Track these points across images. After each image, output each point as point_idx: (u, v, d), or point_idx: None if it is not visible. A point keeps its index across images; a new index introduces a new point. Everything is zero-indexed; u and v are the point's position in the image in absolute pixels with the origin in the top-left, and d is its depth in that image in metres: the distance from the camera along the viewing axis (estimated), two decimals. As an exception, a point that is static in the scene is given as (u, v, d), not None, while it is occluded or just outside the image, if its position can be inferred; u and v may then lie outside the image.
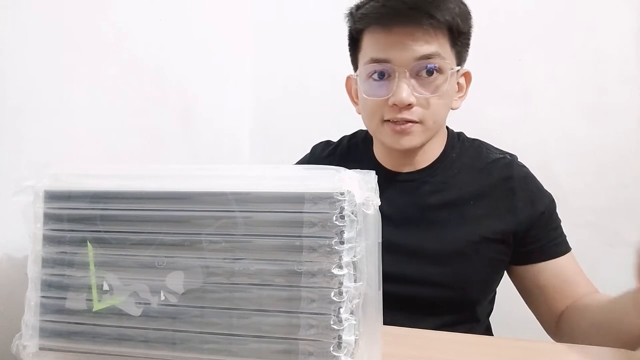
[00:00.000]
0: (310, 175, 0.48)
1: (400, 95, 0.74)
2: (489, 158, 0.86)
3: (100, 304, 0.51)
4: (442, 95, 0.77)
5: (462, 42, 0.79)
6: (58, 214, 0.53)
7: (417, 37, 0.74)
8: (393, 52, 0.75)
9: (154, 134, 1.04)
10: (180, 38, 1.13)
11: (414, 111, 0.77)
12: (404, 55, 0.74)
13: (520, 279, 0.85)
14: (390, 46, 0.75)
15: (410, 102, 0.75)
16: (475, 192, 0.83)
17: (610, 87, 1.30)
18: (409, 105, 0.76)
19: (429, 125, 0.79)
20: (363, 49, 0.80)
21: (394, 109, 0.77)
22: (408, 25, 0.73)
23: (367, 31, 0.79)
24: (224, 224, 0.48)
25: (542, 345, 0.66)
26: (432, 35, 0.74)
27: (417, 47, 0.74)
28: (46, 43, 0.75)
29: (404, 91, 0.74)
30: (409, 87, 0.75)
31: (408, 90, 0.75)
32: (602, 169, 1.30)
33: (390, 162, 0.88)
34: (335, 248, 0.45)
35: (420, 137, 0.79)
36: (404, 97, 0.74)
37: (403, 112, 0.76)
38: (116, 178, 0.53)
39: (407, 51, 0.74)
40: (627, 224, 1.30)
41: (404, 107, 0.76)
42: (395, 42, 0.75)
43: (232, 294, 0.47)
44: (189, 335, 0.49)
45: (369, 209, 0.47)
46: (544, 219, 0.82)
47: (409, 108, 0.76)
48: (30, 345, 0.53)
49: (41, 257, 0.53)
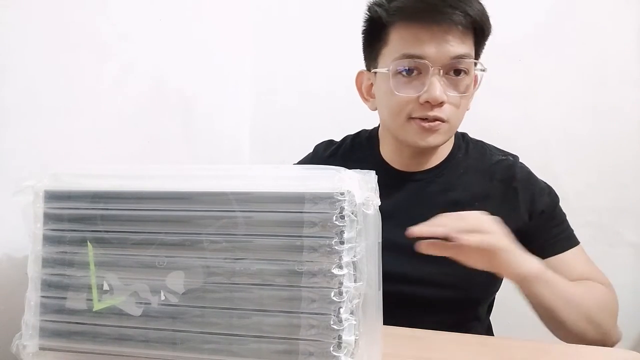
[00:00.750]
0: (310, 175, 0.48)
1: (435, 93, 0.74)
2: (492, 159, 0.87)
3: (100, 304, 0.51)
4: (468, 96, 0.79)
5: (483, 46, 0.80)
6: (58, 214, 0.53)
7: (453, 35, 0.74)
8: (429, 49, 0.74)
9: (154, 134, 1.04)
10: (180, 38, 1.13)
11: (444, 109, 0.76)
12: (439, 53, 0.74)
13: None
14: (426, 42, 0.74)
15: (443, 100, 0.75)
16: (480, 193, 0.84)
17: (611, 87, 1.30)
18: (440, 103, 0.75)
19: (454, 125, 0.80)
20: (391, 43, 0.78)
21: (425, 106, 0.76)
22: (444, 22, 0.73)
23: (398, 25, 0.76)
24: (225, 224, 0.48)
25: (542, 345, 0.66)
26: (465, 34, 0.75)
27: (452, 45, 0.74)
28: (46, 43, 0.75)
29: (438, 89, 0.74)
30: (442, 85, 0.75)
31: (441, 88, 0.74)
32: (603, 169, 1.30)
33: (399, 161, 0.87)
34: (336, 248, 0.45)
35: (444, 136, 0.79)
36: (437, 94, 0.74)
37: (434, 110, 0.75)
38: (116, 178, 0.53)
39: (443, 48, 0.74)
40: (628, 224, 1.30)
41: (436, 104, 0.75)
42: (431, 39, 0.74)
43: (232, 294, 0.47)
44: (190, 335, 0.49)
45: (369, 209, 0.47)
46: (544, 217, 0.83)
47: (441, 106, 0.75)
48: (30, 345, 0.53)
49: (41, 257, 0.53)
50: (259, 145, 1.54)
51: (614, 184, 1.30)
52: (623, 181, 1.29)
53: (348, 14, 0.88)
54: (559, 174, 1.29)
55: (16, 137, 0.70)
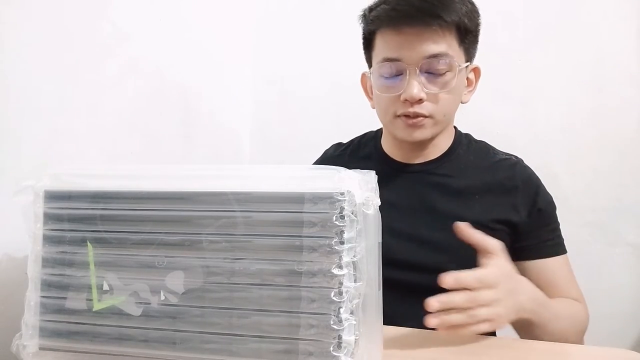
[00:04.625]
0: (310, 175, 0.48)
1: (411, 92, 0.79)
2: (495, 158, 0.90)
3: (100, 304, 0.51)
4: (451, 90, 0.81)
5: (470, 40, 0.83)
6: (58, 214, 0.53)
7: (425, 37, 0.78)
8: (403, 52, 0.79)
9: (154, 134, 1.04)
10: (180, 38, 1.13)
11: (424, 106, 0.81)
12: (413, 54, 0.79)
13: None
14: (401, 46, 0.79)
15: (420, 98, 0.79)
16: (481, 186, 0.86)
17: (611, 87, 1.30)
18: (419, 100, 0.80)
19: (439, 119, 0.83)
20: (376, 48, 0.84)
21: (406, 104, 0.81)
22: (417, 26, 0.78)
23: (379, 32, 0.83)
24: (224, 224, 0.48)
25: (542, 345, 0.66)
26: (440, 35, 0.78)
27: (425, 46, 0.78)
28: (46, 43, 0.75)
29: (415, 87, 0.79)
30: (420, 83, 0.79)
31: (418, 87, 0.79)
32: (603, 169, 1.30)
33: (399, 154, 0.92)
34: (335, 248, 0.45)
35: (430, 130, 0.84)
36: (414, 93, 0.79)
37: (414, 107, 0.81)
38: (116, 178, 0.53)
39: (417, 50, 0.78)
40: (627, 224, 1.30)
41: (415, 102, 0.80)
42: (405, 42, 0.79)
43: (232, 293, 0.47)
44: (189, 335, 0.49)
45: (369, 209, 0.47)
46: (541, 217, 0.85)
47: (420, 103, 0.80)
48: (30, 345, 0.53)
49: (41, 257, 0.53)
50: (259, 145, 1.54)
51: (614, 184, 1.30)
52: (623, 181, 1.29)
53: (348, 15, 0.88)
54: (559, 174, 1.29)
55: (16, 137, 0.70)
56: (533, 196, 0.85)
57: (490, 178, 0.87)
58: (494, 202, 0.85)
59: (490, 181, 0.86)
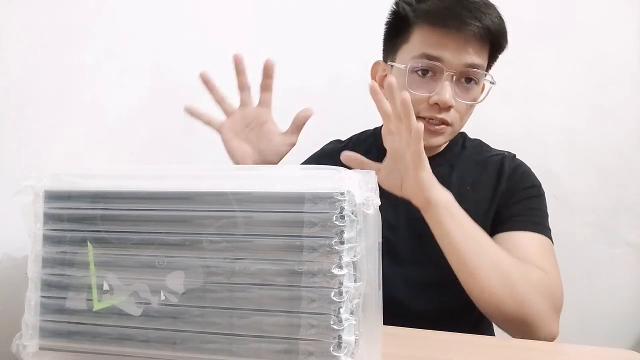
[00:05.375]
0: (310, 175, 0.48)
1: (445, 96, 0.77)
2: (488, 154, 0.91)
3: (100, 304, 0.51)
4: (474, 104, 0.82)
5: (496, 58, 0.84)
6: (58, 214, 0.53)
7: (471, 45, 0.78)
8: (447, 53, 0.77)
9: (154, 134, 1.04)
10: (181, 38, 1.13)
11: (450, 113, 0.80)
12: (456, 59, 0.77)
13: None
14: (446, 46, 0.77)
15: (451, 104, 0.78)
16: (472, 181, 0.87)
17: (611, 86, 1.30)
18: (448, 107, 0.79)
19: (457, 129, 0.84)
20: (412, 41, 0.81)
21: (434, 108, 0.79)
22: (466, 31, 0.77)
23: (423, 26, 0.80)
24: (225, 224, 0.48)
25: (542, 345, 0.67)
26: (482, 46, 0.79)
27: (469, 54, 0.78)
28: (46, 43, 0.75)
29: (448, 92, 0.77)
30: (452, 90, 0.78)
31: (451, 93, 0.78)
32: (603, 169, 1.30)
33: None
34: (336, 248, 0.45)
35: (446, 139, 0.84)
36: (447, 98, 0.77)
37: (442, 113, 0.79)
38: (116, 178, 0.53)
39: (460, 56, 0.77)
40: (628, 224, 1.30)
41: (444, 108, 0.78)
42: (451, 44, 0.77)
43: (232, 293, 0.47)
44: (190, 335, 0.48)
45: (369, 209, 0.47)
46: (522, 194, 0.84)
47: (448, 110, 0.79)
48: (31, 345, 0.53)
49: (41, 257, 0.53)
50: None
51: (614, 184, 1.30)
52: (623, 181, 1.29)
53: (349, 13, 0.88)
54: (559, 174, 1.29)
55: (16, 137, 0.70)
56: (517, 177, 0.86)
57: (482, 172, 0.88)
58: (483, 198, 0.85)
59: (481, 176, 0.87)
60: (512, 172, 0.86)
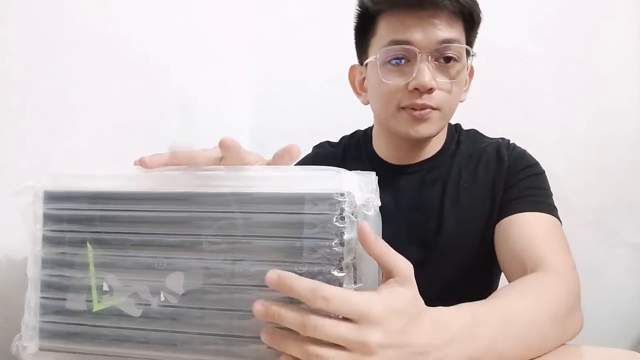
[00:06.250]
0: (310, 176, 0.48)
1: (423, 79, 0.72)
2: (483, 144, 0.87)
3: (100, 305, 0.51)
4: (459, 82, 0.77)
5: (474, 33, 0.80)
6: (58, 215, 0.53)
7: (440, 20, 0.73)
8: (415, 34, 0.73)
9: (154, 134, 1.04)
10: (181, 38, 1.13)
11: (434, 96, 0.75)
12: (426, 38, 0.73)
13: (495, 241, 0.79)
14: (413, 27, 0.73)
15: (432, 87, 0.73)
16: (468, 177, 0.84)
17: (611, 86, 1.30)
18: (429, 90, 0.74)
19: (446, 113, 0.78)
20: (379, 32, 0.78)
21: (414, 94, 0.75)
22: (431, 7, 0.72)
23: (385, 14, 0.76)
24: (224, 225, 0.48)
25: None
26: (453, 20, 0.74)
27: (440, 30, 0.73)
28: (46, 43, 0.75)
29: (426, 75, 0.73)
30: (430, 71, 0.73)
31: (430, 74, 0.73)
32: (602, 169, 1.30)
33: (394, 155, 0.87)
34: (336, 249, 0.45)
35: (436, 125, 0.78)
36: (426, 80, 0.72)
37: (423, 97, 0.74)
38: (116, 179, 0.53)
39: (430, 33, 0.73)
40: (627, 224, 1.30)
41: (425, 91, 0.74)
42: (418, 24, 0.73)
43: (232, 295, 0.47)
44: (189, 337, 0.48)
45: (369, 210, 0.47)
46: (520, 175, 0.81)
47: (430, 93, 0.74)
48: (30, 346, 0.53)
49: (41, 257, 0.53)
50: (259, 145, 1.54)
51: (614, 184, 1.30)
52: (623, 181, 1.29)
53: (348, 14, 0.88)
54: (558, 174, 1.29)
55: (16, 137, 0.70)
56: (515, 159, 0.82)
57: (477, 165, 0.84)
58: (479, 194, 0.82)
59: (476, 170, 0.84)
60: (509, 156, 0.83)
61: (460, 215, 0.82)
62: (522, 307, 0.56)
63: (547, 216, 0.75)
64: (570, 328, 0.62)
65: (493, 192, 0.81)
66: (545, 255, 0.67)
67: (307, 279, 0.42)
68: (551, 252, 0.68)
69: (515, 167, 0.82)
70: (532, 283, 0.62)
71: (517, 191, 0.79)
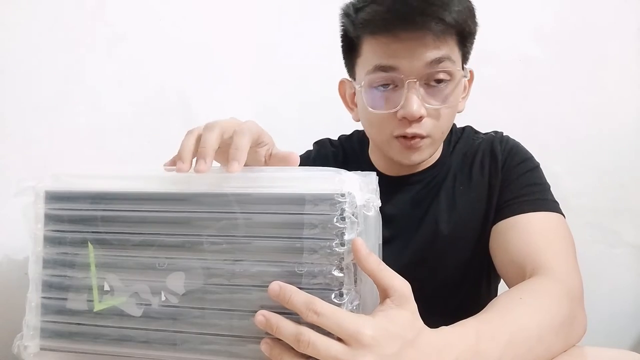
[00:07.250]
0: (310, 177, 0.48)
1: (411, 108, 0.69)
2: (476, 141, 0.85)
3: (101, 305, 0.51)
4: (451, 104, 0.74)
5: (469, 44, 0.76)
6: (59, 215, 0.53)
7: (426, 43, 0.68)
8: (400, 60, 0.69)
9: (154, 135, 1.04)
10: (181, 38, 1.13)
11: (423, 124, 0.72)
12: (413, 63, 0.69)
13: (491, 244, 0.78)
14: (398, 53, 0.69)
15: (420, 115, 0.70)
16: (464, 179, 0.83)
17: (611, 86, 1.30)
18: (419, 118, 0.71)
19: (437, 138, 0.76)
20: (364, 54, 0.74)
21: (403, 122, 0.72)
22: (417, 31, 0.68)
23: (369, 37, 0.72)
24: (225, 225, 0.48)
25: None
26: (441, 40, 0.69)
27: (426, 52, 0.69)
28: (46, 43, 0.75)
29: (415, 103, 0.69)
30: (419, 97, 0.70)
31: (419, 102, 0.70)
32: (602, 169, 1.30)
33: (390, 169, 0.85)
34: (336, 250, 0.45)
35: (428, 151, 0.77)
36: (414, 109, 0.69)
37: (413, 126, 0.72)
38: (117, 179, 0.53)
39: (417, 58, 0.69)
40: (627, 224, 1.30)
41: (414, 120, 0.71)
42: (403, 49, 0.69)
43: (232, 295, 0.47)
44: (190, 336, 0.49)
45: (370, 211, 0.47)
46: (517, 171, 0.79)
47: (419, 121, 0.71)
48: (32, 345, 0.53)
49: (42, 257, 0.53)
50: (258, 145, 1.54)
51: (614, 184, 1.30)
52: (622, 181, 1.29)
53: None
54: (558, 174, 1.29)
55: (16, 137, 0.70)
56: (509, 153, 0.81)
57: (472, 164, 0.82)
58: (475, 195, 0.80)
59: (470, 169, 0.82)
60: (503, 152, 0.81)
61: (457, 218, 0.81)
62: (526, 321, 0.55)
63: (546, 214, 0.73)
64: (574, 334, 0.61)
65: (489, 193, 0.80)
66: (545, 258, 0.66)
67: (304, 293, 0.43)
68: (551, 254, 0.66)
69: (510, 163, 0.80)
70: (534, 292, 0.60)
71: (513, 190, 0.77)
